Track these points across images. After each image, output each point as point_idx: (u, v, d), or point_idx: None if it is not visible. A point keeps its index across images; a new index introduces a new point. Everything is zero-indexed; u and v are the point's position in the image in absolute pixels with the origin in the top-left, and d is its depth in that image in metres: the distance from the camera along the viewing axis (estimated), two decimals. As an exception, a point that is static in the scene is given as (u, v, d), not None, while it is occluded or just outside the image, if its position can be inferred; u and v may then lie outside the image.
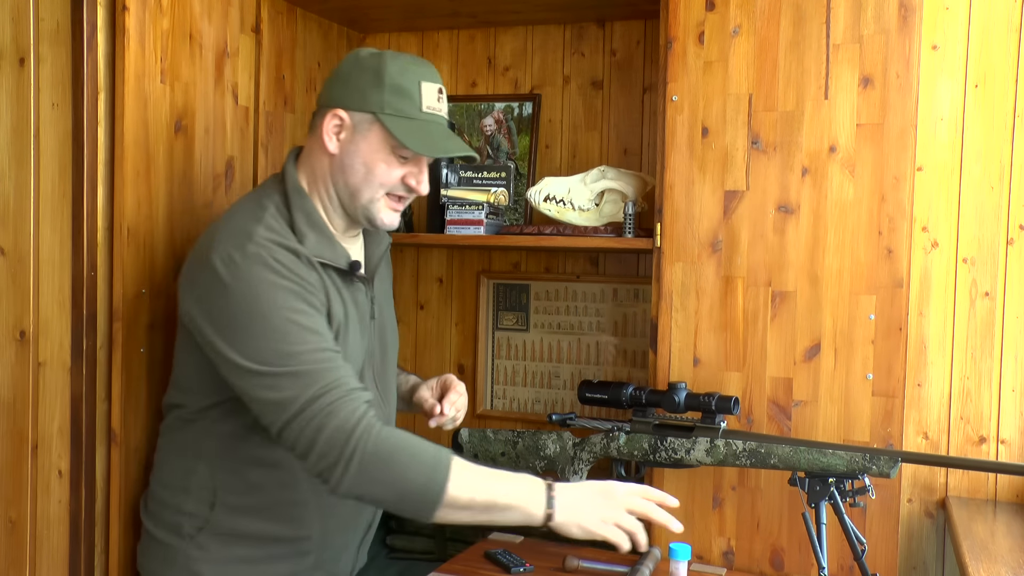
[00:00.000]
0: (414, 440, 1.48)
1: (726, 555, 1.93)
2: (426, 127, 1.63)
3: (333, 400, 1.46)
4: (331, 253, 1.63)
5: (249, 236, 1.54)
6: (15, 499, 1.85)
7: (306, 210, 1.63)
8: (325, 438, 1.44)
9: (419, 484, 1.44)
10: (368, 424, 1.45)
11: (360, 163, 1.62)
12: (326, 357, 1.50)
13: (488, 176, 2.26)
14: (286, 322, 1.49)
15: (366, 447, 1.43)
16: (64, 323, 1.80)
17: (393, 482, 1.44)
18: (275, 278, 1.51)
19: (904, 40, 1.82)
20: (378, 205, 1.65)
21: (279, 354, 1.47)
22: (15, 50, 1.82)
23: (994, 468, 1.79)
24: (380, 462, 1.43)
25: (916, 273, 2.07)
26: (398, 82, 1.61)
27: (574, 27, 2.47)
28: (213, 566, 1.65)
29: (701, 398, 1.83)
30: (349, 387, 1.48)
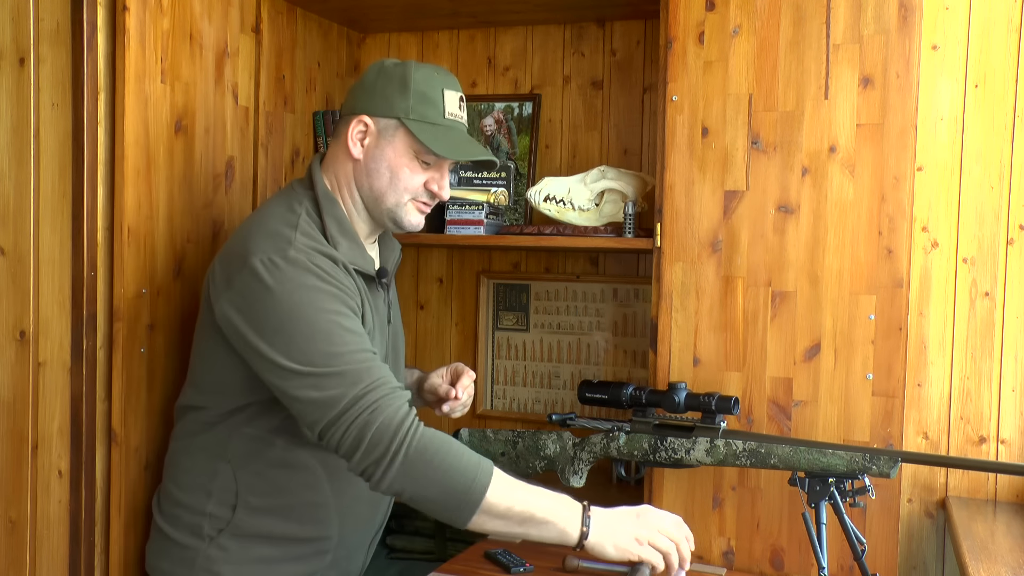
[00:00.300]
0: (457, 443, 1.51)
1: (726, 555, 1.93)
2: (449, 132, 1.67)
3: (378, 398, 1.48)
4: (362, 260, 1.67)
5: (289, 241, 1.57)
6: (15, 499, 1.85)
7: (337, 217, 1.66)
8: (372, 434, 1.46)
9: (461, 485, 1.46)
10: (413, 422, 1.48)
11: (385, 167, 1.66)
12: (367, 357, 1.52)
13: (488, 176, 2.26)
14: (330, 323, 1.52)
15: (412, 443, 1.45)
16: (64, 323, 1.80)
17: (437, 481, 1.46)
18: (317, 282, 1.54)
19: (904, 40, 1.82)
20: (405, 209, 1.69)
21: (324, 355, 1.50)
22: (15, 50, 1.82)
23: (994, 468, 1.79)
24: (425, 460, 1.46)
25: (916, 273, 2.07)
26: (423, 89, 1.65)
27: (574, 27, 2.47)
28: (233, 567, 1.65)
29: (701, 398, 1.83)
30: (392, 386, 1.51)
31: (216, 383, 1.68)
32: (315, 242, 1.60)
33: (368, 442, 1.46)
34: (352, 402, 1.48)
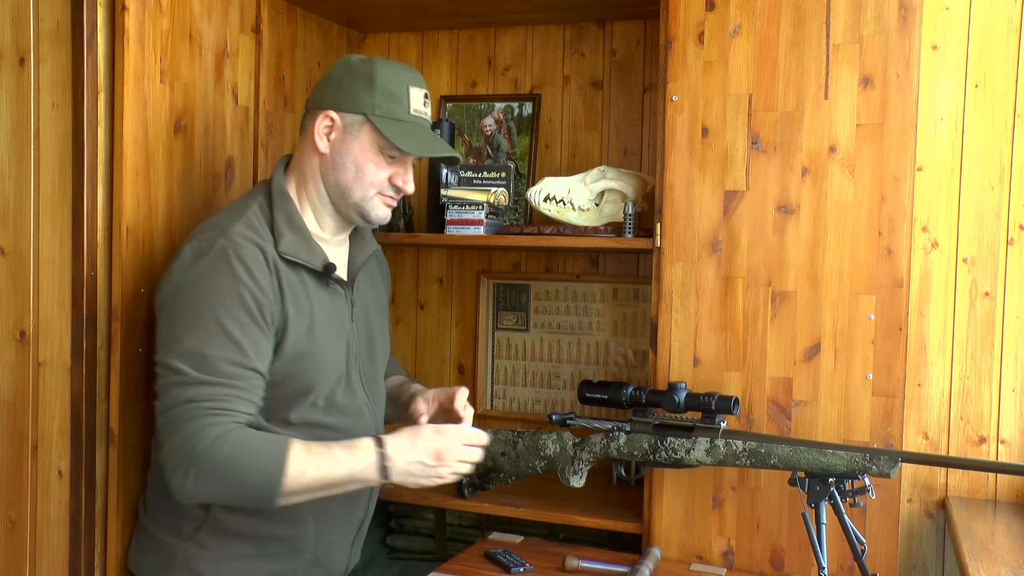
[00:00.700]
0: (252, 443, 1.53)
1: (726, 555, 1.93)
2: (413, 128, 1.70)
3: (205, 411, 1.52)
4: (306, 254, 1.68)
5: (224, 231, 1.61)
6: (15, 499, 1.85)
7: (287, 211, 1.69)
8: (178, 439, 1.52)
9: (256, 487, 1.52)
10: (209, 441, 1.51)
11: (351, 162, 1.69)
12: (231, 372, 1.55)
13: (488, 176, 2.26)
14: (214, 325, 1.55)
15: (206, 457, 1.50)
16: (64, 323, 1.80)
17: (232, 489, 1.53)
18: (228, 278, 1.57)
19: (904, 40, 1.82)
20: (372, 203, 1.72)
21: (192, 354, 1.54)
22: (15, 50, 1.82)
23: (994, 468, 1.79)
24: (216, 471, 1.51)
25: (916, 273, 2.07)
26: (389, 86, 1.68)
27: (574, 27, 2.47)
28: (212, 564, 1.67)
29: (701, 398, 1.83)
30: (228, 406, 1.54)
31: None
32: (253, 233, 1.63)
33: (171, 445, 1.53)
34: (182, 403, 1.53)
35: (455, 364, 2.59)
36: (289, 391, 1.66)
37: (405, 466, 1.56)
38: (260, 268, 1.60)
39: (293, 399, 1.66)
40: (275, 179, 1.73)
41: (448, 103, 2.57)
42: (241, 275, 1.58)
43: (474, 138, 2.53)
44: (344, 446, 1.56)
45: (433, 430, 1.60)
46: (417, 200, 2.56)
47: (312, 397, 1.68)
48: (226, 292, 1.57)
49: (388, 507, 2.39)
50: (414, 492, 2.16)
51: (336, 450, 1.55)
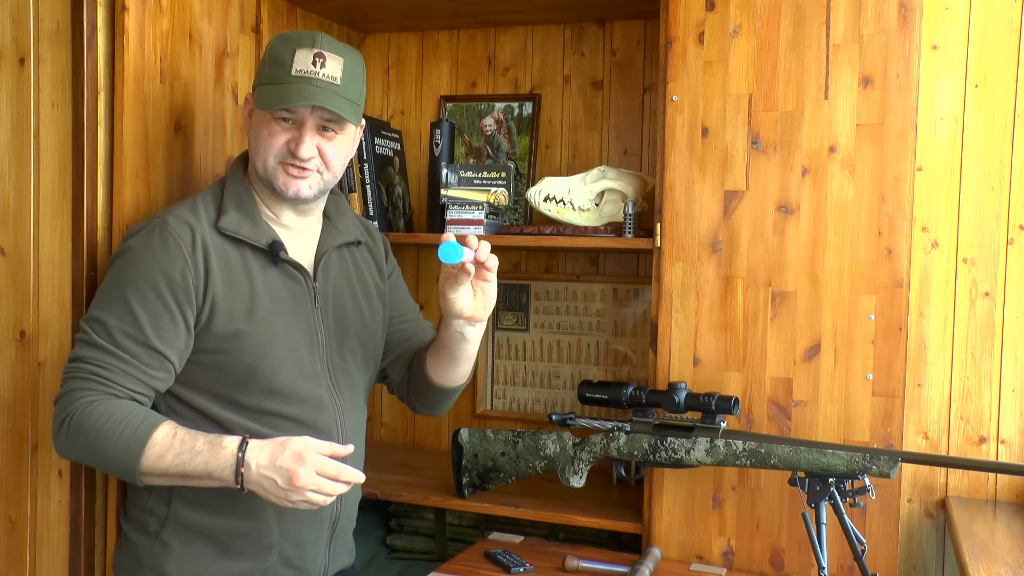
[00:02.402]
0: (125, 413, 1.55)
1: (726, 555, 1.93)
2: (288, 88, 1.64)
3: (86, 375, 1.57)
4: (250, 231, 1.68)
5: (165, 213, 1.66)
6: (15, 499, 1.85)
7: (237, 192, 1.71)
8: (60, 394, 1.59)
9: (116, 458, 1.55)
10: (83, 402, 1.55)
11: (254, 135, 1.70)
12: (124, 345, 1.58)
13: (488, 176, 2.26)
14: (120, 296, 1.60)
15: (74, 418, 1.55)
16: (64, 323, 1.80)
17: (95, 454, 1.57)
18: (145, 255, 1.61)
19: (904, 40, 1.82)
20: (275, 172, 1.68)
21: (93, 318, 1.60)
22: (15, 50, 1.82)
23: (994, 468, 1.79)
24: (82, 435, 1.55)
25: (916, 273, 2.07)
26: (276, 53, 1.68)
27: (574, 27, 2.47)
28: (177, 564, 1.66)
29: (701, 398, 1.83)
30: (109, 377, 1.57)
31: None
32: (190, 214, 1.65)
33: (56, 400, 1.59)
34: (72, 360, 1.59)
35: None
36: (231, 373, 1.65)
37: (258, 479, 1.52)
38: (183, 247, 1.61)
39: (239, 382, 1.65)
40: (232, 165, 1.76)
41: (448, 103, 2.57)
42: (158, 254, 1.60)
43: (474, 138, 2.53)
44: (210, 441, 1.55)
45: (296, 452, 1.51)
46: (417, 200, 2.56)
47: (261, 381, 1.65)
48: (139, 269, 1.60)
49: (388, 507, 2.39)
50: (414, 492, 2.16)
51: (200, 442, 1.55)
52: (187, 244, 1.62)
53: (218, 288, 1.63)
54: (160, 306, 1.59)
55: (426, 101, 2.61)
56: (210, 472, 1.53)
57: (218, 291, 1.63)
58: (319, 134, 1.67)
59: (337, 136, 1.69)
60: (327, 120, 1.66)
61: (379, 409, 2.68)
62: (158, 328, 1.59)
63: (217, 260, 1.64)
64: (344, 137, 1.71)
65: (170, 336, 1.60)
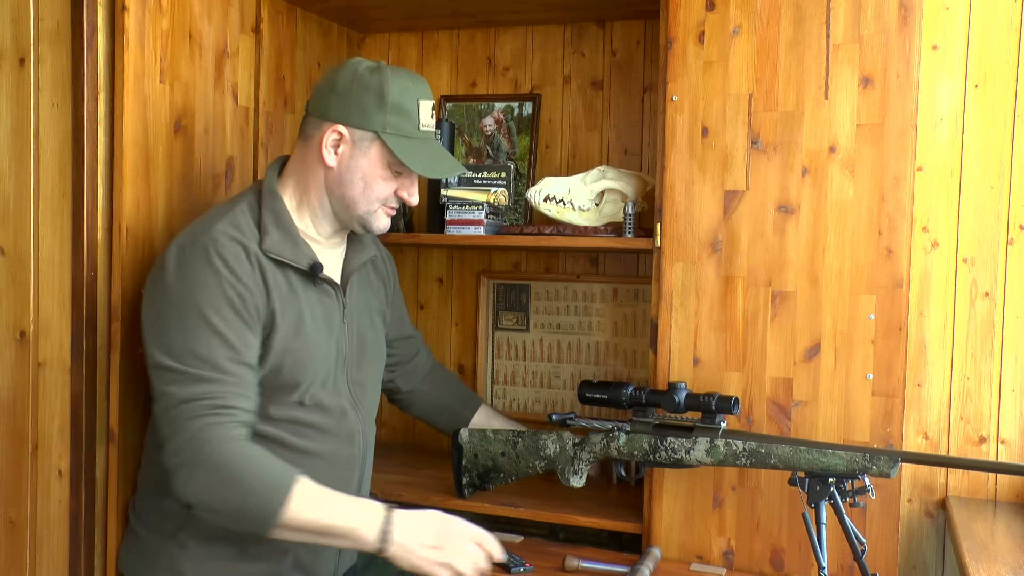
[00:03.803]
0: (263, 461, 1.53)
1: (726, 555, 1.93)
2: (424, 146, 1.70)
3: (206, 410, 1.52)
4: (291, 252, 1.68)
5: (207, 229, 1.62)
6: (15, 499, 1.85)
7: (275, 210, 1.69)
8: (181, 439, 1.52)
9: (255, 506, 1.50)
10: (225, 441, 1.51)
11: (359, 178, 1.69)
12: (224, 368, 1.55)
13: (488, 176, 2.26)
14: (201, 321, 1.55)
15: (212, 457, 1.50)
16: (64, 323, 1.80)
17: (232, 498, 1.51)
18: (210, 275, 1.58)
19: (904, 40, 1.82)
20: (376, 215, 1.73)
21: (183, 352, 1.55)
22: (15, 50, 1.82)
23: (994, 468, 1.79)
24: (223, 477, 1.50)
25: (916, 273, 2.07)
26: (399, 102, 1.67)
27: (574, 27, 2.47)
28: (193, 564, 1.67)
29: (701, 398, 1.83)
30: (227, 403, 1.54)
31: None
32: (235, 230, 1.63)
33: (174, 446, 1.52)
34: (182, 402, 1.52)
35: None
36: (274, 387, 1.65)
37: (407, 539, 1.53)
38: (241, 264, 1.61)
39: (276, 394, 1.66)
40: (266, 179, 1.73)
41: (448, 103, 2.57)
42: (222, 271, 1.58)
43: (474, 138, 2.53)
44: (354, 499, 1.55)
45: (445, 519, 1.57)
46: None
47: (297, 394, 1.67)
48: (209, 289, 1.57)
49: (388, 507, 2.39)
50: (414, 492, 2.16)
51: (344, 499, 1.54)
52: (244, 262, 1.61)
53: (275, 305, 1.64)
54: (240, 323, 1.59)
55: (426, 101, 2.61)
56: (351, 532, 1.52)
57: (276, 308, 1.64)
58: None
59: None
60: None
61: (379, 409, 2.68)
62: (245, 345, 1.59)
63: (271, 280, 1.65)
64: None
65: (255, 350, 1.61)
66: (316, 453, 1.70)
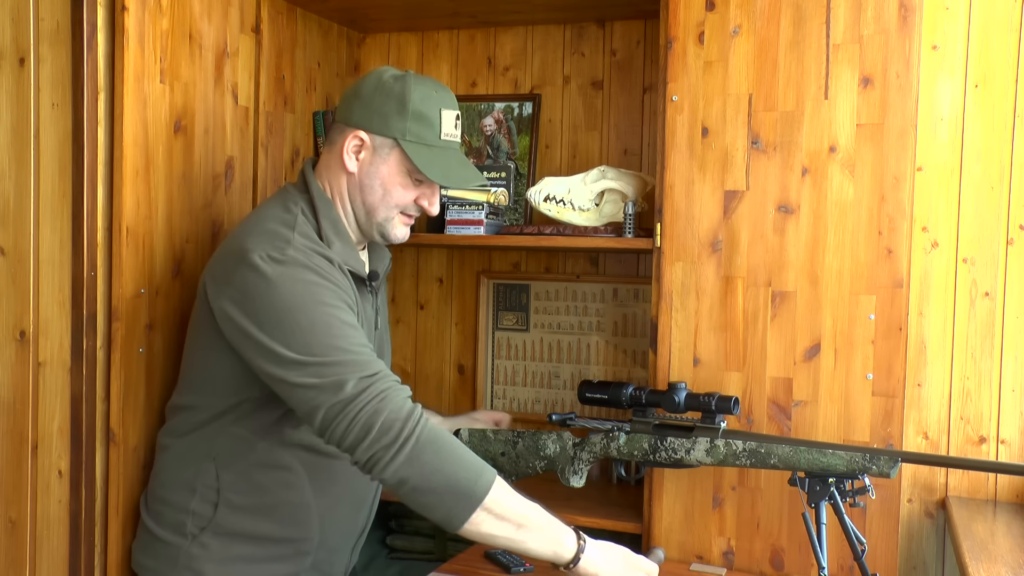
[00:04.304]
0: (462, 444, 1.54)
1: (726, 555, 1.93)
2: (444, 155, 1.70)
3: (386, 387, 1.50)
4: (355, 261, 1.71)
5: (287, 240, 1.60)
6: (15, 499, 1.85)
7: (332, 218, 1.70)
8: (383, 420, 1.46)
9: (466, 479, 1.47)
10: (422, 413, 1.51)
11: (379, 184, 1.70)
12: (368, 351, 1.55)
13: (488, 176, 2.26)
14: (329, 316, 1.54)
15: (423, 432, 1.47)
16: (64, 323, 1.80)
17: (444, 471, 1.47)
18: (315, 277, 1.58)
19: (904, 40, 1.82)
20: (393, 223, 1.74)
21: (324, 345, 1.51)
22: (15, 50, 1.82)
23: (994, 468, 1.79)
24: (434, 449, 1.47)
25: (916, 273, 2.06)
26: (420, 109, 1.67)
27: (574, 27, 2.47)
28: (215, 565, 1.67)
29: (701, 398, 1.83)
30: (395, 378, 1.54)
31: (208, 381, 1.70)
32: (312, 242, 1.63)
33: (378, 429, 1.46)
34: (359, 389, 1.48)
35: (455, 364, 2.59)
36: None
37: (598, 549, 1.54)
38: (333, 271, 1.63)
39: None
40: (312, 184, 1.71)
41: (448, 103, 2.57)
42: (324, 274, 1.59)
43: (474, 138, 2.53)
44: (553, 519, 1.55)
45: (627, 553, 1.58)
46: (417, 200, 2.56)
47: None
48: (321, 288, 1.57)
49: (388, 507, 2.39)
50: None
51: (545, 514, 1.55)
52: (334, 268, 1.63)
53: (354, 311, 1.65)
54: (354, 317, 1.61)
55: (426, 101, 2.61)
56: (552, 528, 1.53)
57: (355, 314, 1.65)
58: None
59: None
60: None
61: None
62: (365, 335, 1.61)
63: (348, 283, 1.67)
64: None
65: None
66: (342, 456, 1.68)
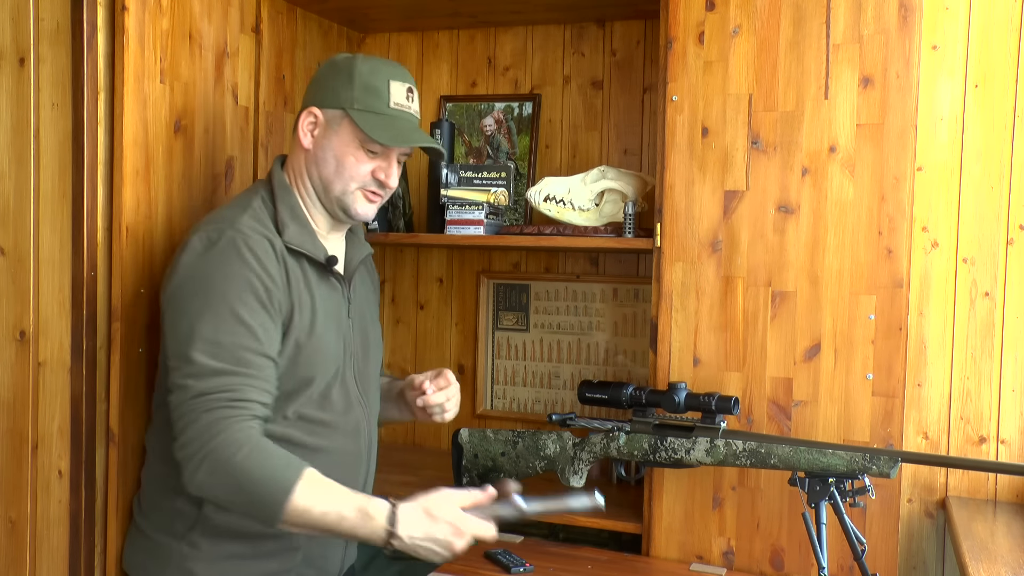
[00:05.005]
0: (270, 454, 1.51)
1: (726, 555, 1.93)
2: (393, 122, 1.70)
3: (221, 403, 1.52)
4: (311, 245, 1.70)
5: (232, 222, 1.63)
6: (15, 499, 1.85)
7: (290, 204, 1.71)
8: (191, 432, 1.52)
9: (262, 498, 1.49)
10: (234, 433, 1.50)
11: (331, 156, 1.70)
12: (246, 360, 1.55)
13: (488, 176, 2.26)
14: (228, 312, 1.56)
15: (220, 453, 1.49)
16: (64, 323, 1.80)
17: (237, 493, 1.50)
18: (239, 267, 1.59)
19: (904, 40, 1.82)
20: (352, 197, 1.72)
21: (208, 342, 1.54)
22: (15, 50, 1.82)
23: (994, 468, 1.79)
24: (228, 469, 1.49)
25: (916, 273, 2.07)
26: (368, 80, 1.69)
27: (574, 27, 2.47)
28: (205, 564, 1.67)
29: (701, 398, 1.83)
30: (244, 396, 1.54)
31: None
32: (260, 225, 1.65)
33: (186, 438, 1.52)
34: (199, 394, 1.52)
35: (455, 364, 2.59)
36: (290, 384, 1.66)
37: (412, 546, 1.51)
38: (270, 258, 1.62)
39: (293, 392, 1.66)
40: (275, 174, 1.75)
41: (448, 103, 2.57)
42: (252, 263, 1.59)
43: (474, 138, 2.53)
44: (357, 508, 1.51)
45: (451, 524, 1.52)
46: (417, 200, 2.56)
47: (310, 391, 1.68)
48: (238, 280, 1.58)
49: (388, 507, 2.39)
50: (414, 492, 2.15)
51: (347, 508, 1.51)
52: (272, 255, 1.63)
53: (294, 300, 1.65)
54: (265, 314, 1.59)
55: (426, 101, 2.61)
56: (358, 536, 1.52)
57: (294, 303, 1.65)
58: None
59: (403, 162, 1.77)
60: (405, 153, 1.75)
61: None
62: (268, 337, 1.59)
63: (292, 274, 1.66)
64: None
65: (276, 342, 1.61)
66: (325, 449, 1.70)
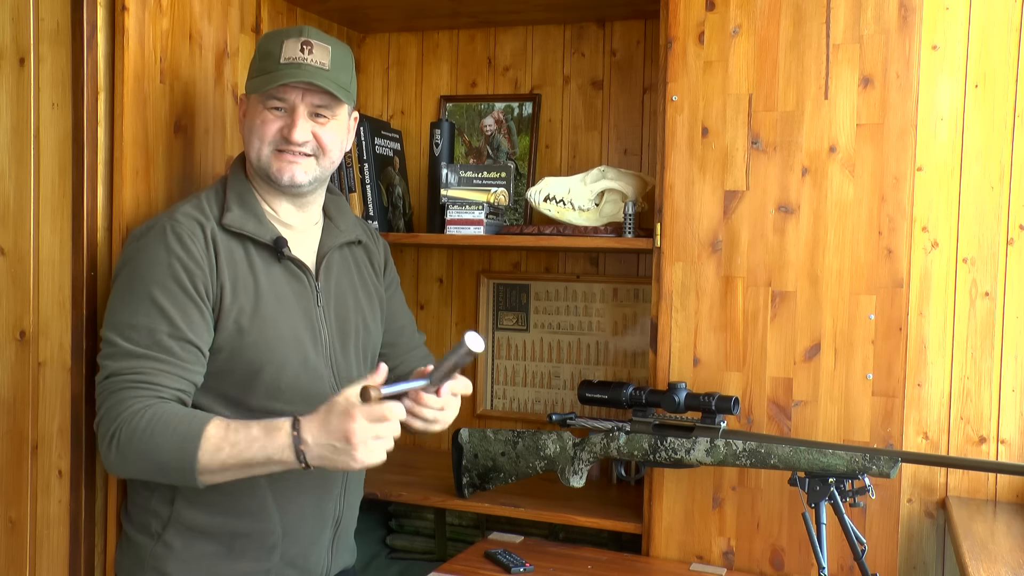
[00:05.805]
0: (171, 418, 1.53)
1: (726, 555, 1.93)
2: (276, 73, 1.68)
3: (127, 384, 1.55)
4: (254, 227, 1.70)
5: (172, 212, 1.66)
6: (15, 499, 1.85)
7: (239, 190, 1.73)
8: (103, 410, 1.56)
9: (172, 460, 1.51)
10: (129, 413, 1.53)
11: (248, 128, 1.72)
12: (162, 344, 1.57)
13: (488, 176, 2.26)
14: (145, 296, 1.59)
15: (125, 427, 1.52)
16: (64, 323, 1.80)
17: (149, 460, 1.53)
18: (162, 253, 1.60)
19: (904, 40, 1.82)
20: (268, 160, 1.70)
21: (124, 325, 1.58)
22: (15, 50, 1.82)
23: (994, 468, 1.79)
24: (133, 442, 1.52)
25: (916, 273, 2.07)
26: (263, 48, 1.72)
27: (574, 27, 2.47)
28: (180, 564, 1.66)
29: (701, 398, 1.83)
30: (152, 380, 1.56)
31: None
32: (197, 212, 1.67)
33: (98, 418, 1.57)
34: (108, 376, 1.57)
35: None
36: (236, 373, 1.65)
37: (319, 451, 1.48)
38: (196, 242, 1.62)
39: (244, 382, 1.65)
40: (233, 166, 1.78)
41: (448, 103, 2.57)
42: (175, 248, 1.60)
43: (474, 138, 2.53)
44: (264, 427, 1.51)
45: (342, 410, 1.46)
46: (417, 200, 2.56)
47: (266, 380, 1.66)
48: (158, 265, 1.60)
49: (388, 507, 2.39)
50: (414, 492, 2.16)
51: (255, 430, 1.51)
52: (200, 240, 1.63)
53: (226, 285, 1.64)
54: (187, 299, 1.60)
55: (426, 101, 2.61)
56: (270, 457, 1.50)
57: (226, 288, 1.64)
58: (312, 120, 1.70)
59: (330, 121, 1.72)
60: (319, 106, 1.70)
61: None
62: (189, 321, 1.59)
63: (225, 257, 1.65)
64: (337, 122, 1.73)
65: (200, 328, 1.61)
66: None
